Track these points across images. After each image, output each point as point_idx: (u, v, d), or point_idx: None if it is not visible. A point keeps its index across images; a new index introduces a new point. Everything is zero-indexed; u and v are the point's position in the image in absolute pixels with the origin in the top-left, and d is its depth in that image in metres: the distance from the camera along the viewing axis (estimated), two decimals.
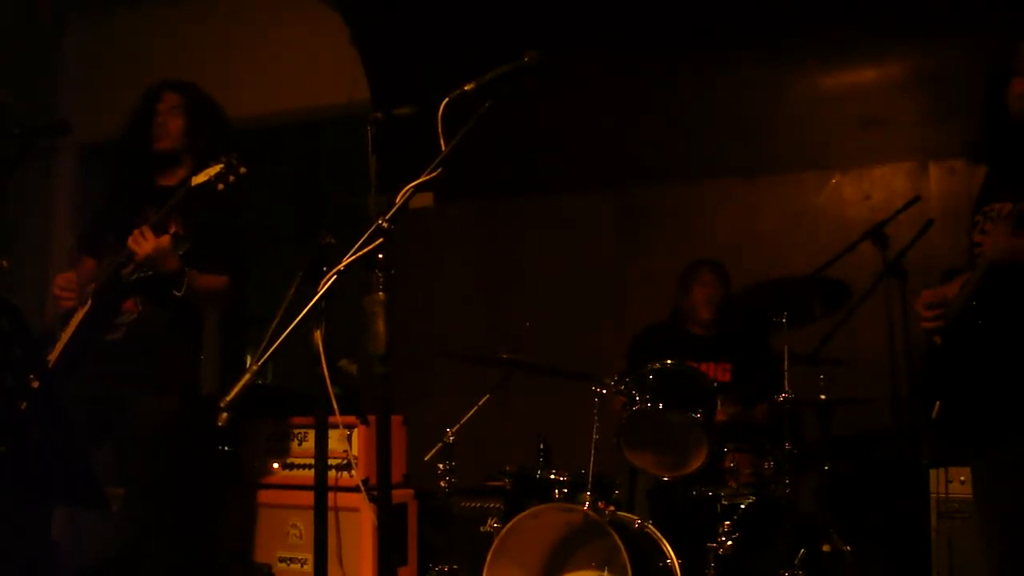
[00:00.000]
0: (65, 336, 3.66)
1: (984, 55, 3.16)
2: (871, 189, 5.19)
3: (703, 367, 4.32)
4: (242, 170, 3.54)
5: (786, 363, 3.82)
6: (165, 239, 3.52)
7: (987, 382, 2.85)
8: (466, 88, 2.46)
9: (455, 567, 4.02)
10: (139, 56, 6.27)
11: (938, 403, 2.95)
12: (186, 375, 3.81)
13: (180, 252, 3.59)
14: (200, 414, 3.69)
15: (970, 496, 3.59)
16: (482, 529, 3.91)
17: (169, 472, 3.66)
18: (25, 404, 2.48)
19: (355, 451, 4.17)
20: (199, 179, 3.52)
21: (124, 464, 3.66)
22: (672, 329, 4.73)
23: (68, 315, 3.70)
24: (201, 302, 3.79)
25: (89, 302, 3.66)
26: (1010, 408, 2.82)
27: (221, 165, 3.52)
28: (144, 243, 3.50)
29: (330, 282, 2.33)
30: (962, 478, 3.89)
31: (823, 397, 4.07)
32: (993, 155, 3.07)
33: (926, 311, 3.00)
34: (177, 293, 3.59)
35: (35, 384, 2.48)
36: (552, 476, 3.88)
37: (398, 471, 4.35)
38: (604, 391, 3.76)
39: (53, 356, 3.64)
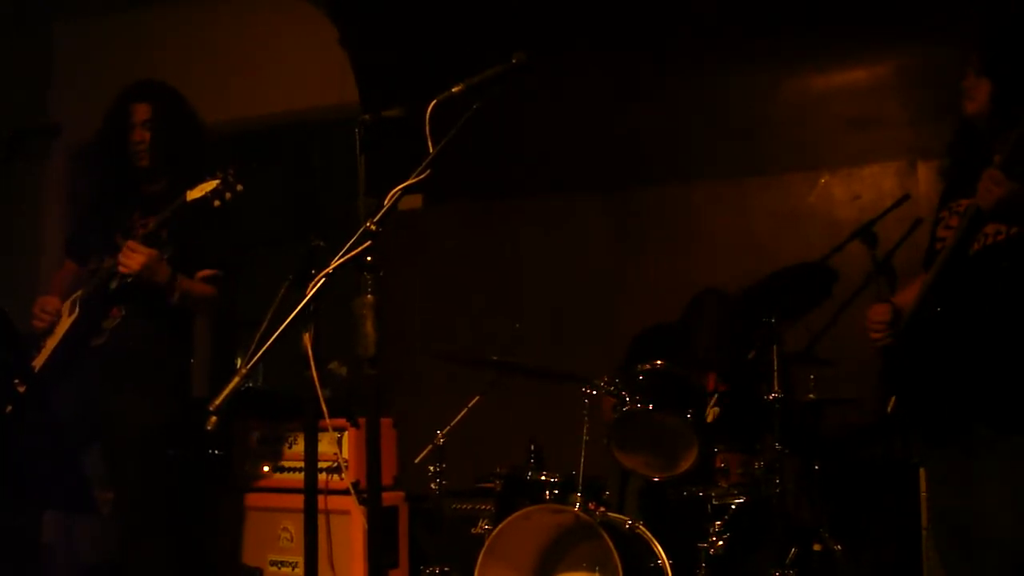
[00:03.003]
0: (52, 342, 3.65)
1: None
2: (860, 189, 5.20)
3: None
4: (239, 187, 3.51)
5: (776, 363, 3.82)
6: (154, 252, 3.51)
7: (939, 377, 2.83)
8: (454, 90, 2.46)
9: (446, 569, 4.02)
10: (129, 58, 6.25)
11: (893, 398, 2.92)
12: (174, 378, 3.80)
13: (166, 256, 3.57)
14: (189, 417, 3.68)
15: None
16: (473, 531, 3.91)
17: (158, 475, 3.66)
18: (10, 408, 2.48)
19: (345, 454, 4.17)
20: (194, 194, 3.49)
21: (113, 468, 3.65)
22: (677, 337, 4.70)
23: (46, 331, 3.69)
24: (193, 308, 3.78)
25: (77, 310, 3.65)
26: (960, 404, 2.78)
27: (217, 181, 3.48)
28: (135, 257, 3.48)
29: (319, 285, 2.32)
30: None
31: (813, 397, 4.08)
32: (955, 155, 3.10)
33: (876, 327, 2.99)
34: (170, 302, 3.58)
35: (22, 389, 2.48)
36: (543, 477, 3.88)
37: (388, 473, 4.35)
38: (594, 392, 3.76)
39: (39, 362, 3.63)
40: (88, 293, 3.66)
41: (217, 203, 3.48)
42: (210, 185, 3.48)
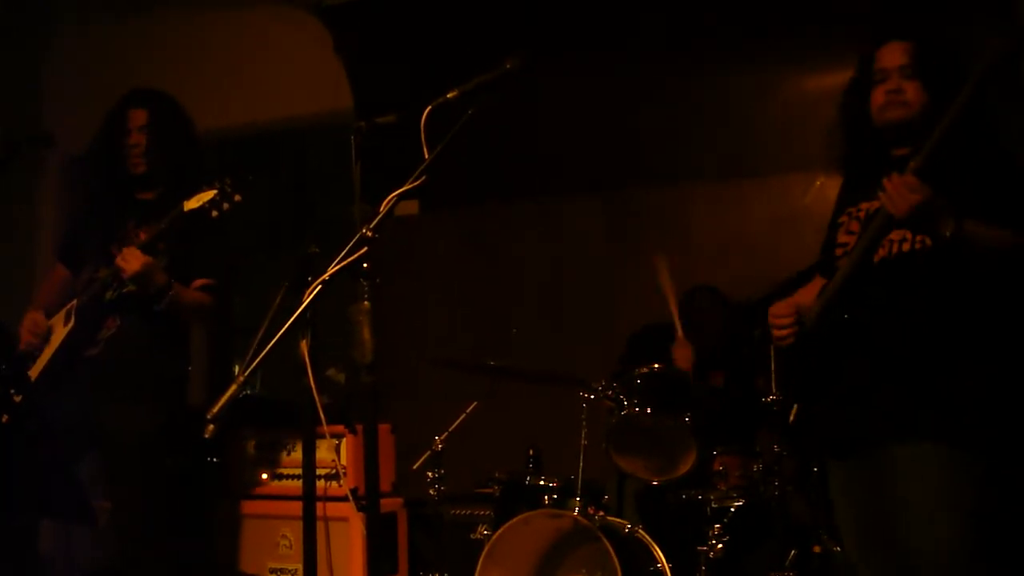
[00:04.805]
0: (48, 352, 3.64)
1: (967, 56, 3.14)
2: None
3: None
4: (237, 197, 3.50)
5: (773, 363, 3.82)
6: (150, 259, 3.50)
7: (846, 384, 2.76)
8: (448, 96, 2.47)
9: (445, 575, 4.01)
10: (123, 67, 6.25)
11: (796, 406, 2.88)
12: (170, 387, 3.80)
13: (162, 265, 3.57)
14: (187, 425, 3.68)
15: None
16: (472, 536, 3.91)
17: (155, 484, 3.65)
18: (7, 418, 2.48)
19: (343, 461, 4.16)
20: (191, 204, 3.47)
21: (110, 477, 3.64)
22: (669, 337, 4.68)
23: (38, 345, 3.69)
24: (186, 316, 3.77)
25: (72, 320, 3.64)
26: (866, 412, 2.73)
27: (215, 191, 3.46)
28: (132, 261, 3.47)
29: (315, 292, 2.32)
30: None
31: None
32: (853, 162, 3.05)
33: (779, 322, 2.89)
34: (158, 308, 3.57)
35: (18, 399, 2.48)
36: (541, 482, 3.88)
37: (387, 480, 4.33)
38: (592, 396, 3.76)
39: (35, 372, 3.62)
40: (83, 303, 3.65)
41: (215, 213, 3.47)
42: (207, 195, 3.46)
